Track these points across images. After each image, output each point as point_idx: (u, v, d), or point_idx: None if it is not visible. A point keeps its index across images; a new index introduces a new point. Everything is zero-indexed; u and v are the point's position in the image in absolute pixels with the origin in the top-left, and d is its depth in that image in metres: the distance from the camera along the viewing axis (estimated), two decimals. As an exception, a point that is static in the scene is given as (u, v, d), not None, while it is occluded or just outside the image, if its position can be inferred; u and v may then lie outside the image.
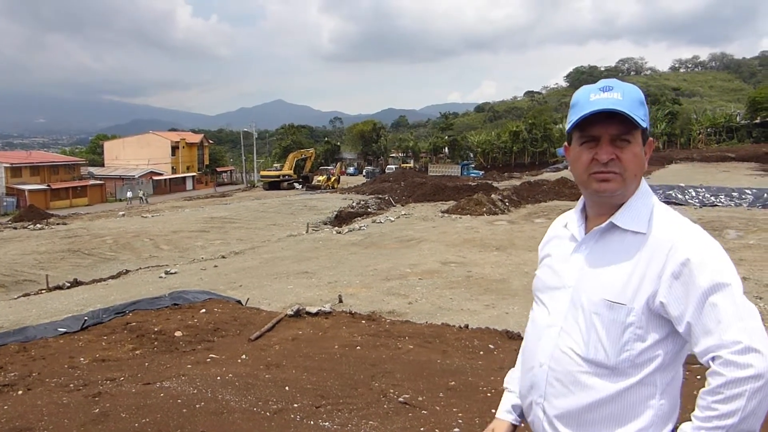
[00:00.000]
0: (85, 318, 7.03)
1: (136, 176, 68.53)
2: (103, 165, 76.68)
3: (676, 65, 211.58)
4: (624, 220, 1.53)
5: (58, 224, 30.14)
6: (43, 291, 13.91)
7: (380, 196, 34.80)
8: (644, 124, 1.51)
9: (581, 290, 1.56)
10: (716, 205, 22.43)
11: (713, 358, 1.35)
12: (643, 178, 1.57)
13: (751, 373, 1.29)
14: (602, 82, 1.56)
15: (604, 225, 1.56)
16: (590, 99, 1.53)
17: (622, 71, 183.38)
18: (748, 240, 14.68)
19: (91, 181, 64.29)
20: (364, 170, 78.33)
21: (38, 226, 28.37)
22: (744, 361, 1.30)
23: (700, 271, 1.38)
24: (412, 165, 79.12)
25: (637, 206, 1.54)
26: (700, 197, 23.51)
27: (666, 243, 1.45)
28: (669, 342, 1.47)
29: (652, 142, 1.60)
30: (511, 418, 1.84)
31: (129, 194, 56.56)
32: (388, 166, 78.87)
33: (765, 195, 22.87)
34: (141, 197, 54.82)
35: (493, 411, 4.49)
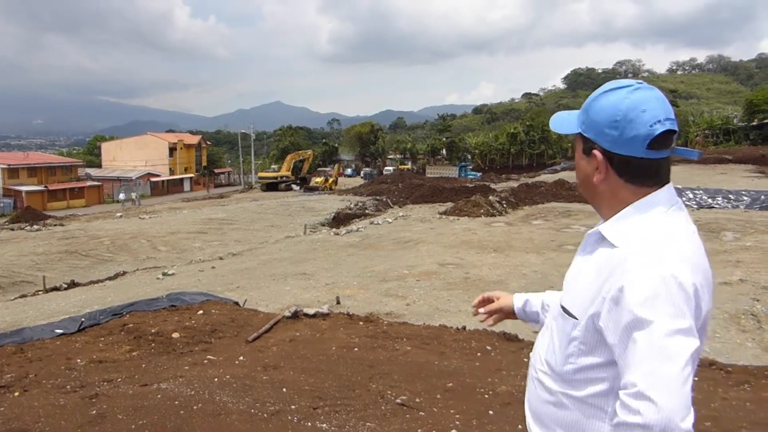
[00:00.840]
0: (82, 319, 7.01)
1: (134, 177, 68.51)
2: (100, 166, 76.71)
3: (674, 67, 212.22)
4: (608, 230, 1.46)
5: (55, 225, 30.10)
6: (39, 292, 13.89)
7: (378, 197, 34.80)
8: (571, 130, 1.54)
9: (563, 293, 1.57)
10: (713, 207, 22.45)
11: (619, 395, 1.28)
12: (662, 189, 1.45)
13: (639, 422, 1.21)
14: None
15: (593, 231, 1.53)
16: None
17: (620, 73, 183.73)
18: (745, 242, 14.70)
19: (89, 183, 64.30)
20: (362, 172, 78.33)
21: (35, 227, 28.33)
22: (635, 406, 1.22)
23: (630, 303, 1.29)
24: (409, 166, 79.17)
25: (626, 217, 1.45)
26: (698, 199, 23.55)
27: (622, 264, 1.36)
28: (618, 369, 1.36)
29: (595, 155, 1.47)
30: (519, 303, 1.96)
31: (122, 196, 56.45)
32: (385, 168, 78.95)
33: (762, 197, 22.92)
34: (133, 199, 54.67)
35: (491, 413, 4.50)
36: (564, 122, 1.58)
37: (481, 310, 2.03)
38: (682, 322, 1.26)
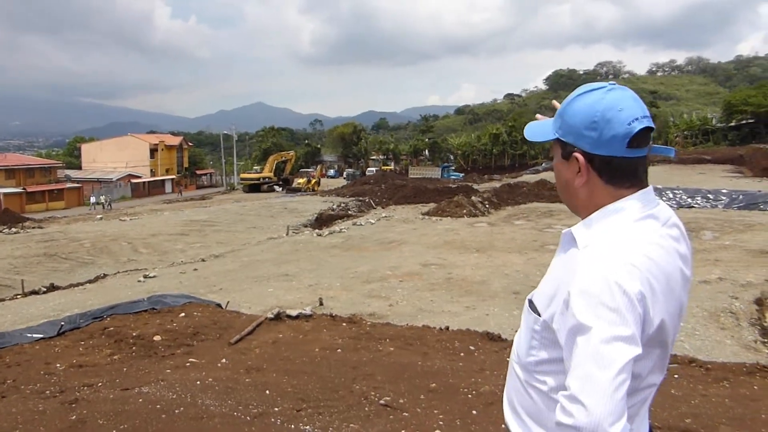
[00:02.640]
0: (62, 323, 6.93)
1: (114, 179, 67.85)
2: (80, 168, 75.84)
3: (654, 69, 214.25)
4: (576, 231, 1.49)
5: (33, 228, 29.73)
6: (18, 296, 13.69)
7: (361, 198, 34.76)
8: (548, 137, 1.54)
9: (536, 288, 1.62)
10: (693, 207, 22.72)
11: None
12: (636, 193, 1.46)
13: (570, 423, 1.25)
14: None
15: (566, 231, 1.55)
16: None
17: (601, 74, 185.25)
18: (723, 241, 14.89)
19: (68, 185, 63.49)
20: (345, 172, 78.27)
21: (13, 230, 27.95)
22: (569, 408, 1.26)
23: (573, 306, 1.32)
24: (392, 167, 79.29)
25: (597, 220, 1.47)
26: (678, 199, 23.81)
27: (576, 267, 1.39)
28: None
29: (576, 158, 1.47)
30: None
31: (92, 199, 55.49)
32: (368, 169, 78.93)
33: (740, 196, 23.22)
34: (103, 203, 53.72)
35: (475, 413, 4.52)
36: (538, 131, 1.59)
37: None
38: (622, 329, 1.28)
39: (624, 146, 1.42)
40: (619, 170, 1.45)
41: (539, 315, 1.49)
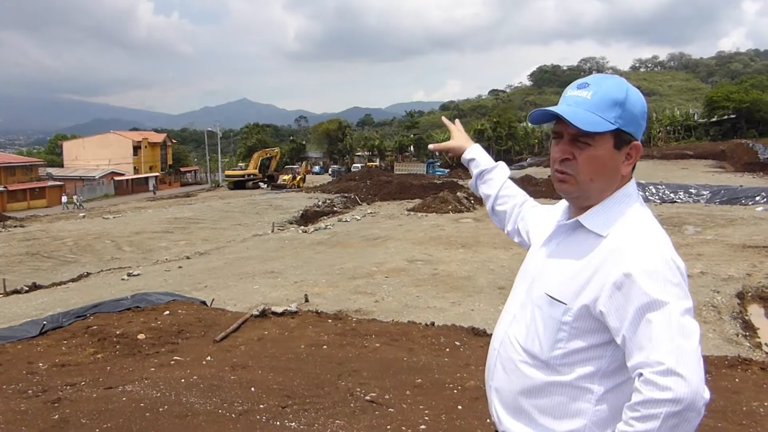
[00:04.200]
0: (44, 322, 6.85)
1: (97, 177, 67.14)
2: (62, 166, 74.96)
3: (637, 65, 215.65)
4: (589, 220, 1.50)
5: (15, 227, 29.40)
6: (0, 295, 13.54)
7: (346, 194, 34.73)
8: (607, 127, 1.45)
9: (536, 282, 1.59)
10: (675, 202, 22.94)
11: (639, 375, 1.32)
12: (632, 180, 1.54)
13: (669, 397, 1.26)
14: (587, 78, 1.54)
15: (570, 222, 1.56)
16: (566, 93, 1.54)
17: (584, 70, 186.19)
18: (705, 235, 15.05)
19: (50, 183, 62.73)
20: (330, 169, 78.03)
21: (-6, 228, 27.62)
22: (663, 383, 1.27)
23: (641, 286, 1.34)
24: (377, 163, 79.18)
25: (608, 208, 1.50)
26: (660, 194, 24.03)
27: (618, 251, 1.41)
28: (610, 350, 1.43)
29: (637, 146, 1.50)
30: (469, 156, 2.21)
31: (64, 199, 54.52)
32: (353, 165, 78.78)
33: (722, 191, 23.51)
34: (75, 202, 52.85)
35: (460, 407, 4.53)
36: (589, 120, 1.46)
37: (431, 146, 2.36)
38: (687, 302, 1.36)
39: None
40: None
41: (565, 304, 1.47)
